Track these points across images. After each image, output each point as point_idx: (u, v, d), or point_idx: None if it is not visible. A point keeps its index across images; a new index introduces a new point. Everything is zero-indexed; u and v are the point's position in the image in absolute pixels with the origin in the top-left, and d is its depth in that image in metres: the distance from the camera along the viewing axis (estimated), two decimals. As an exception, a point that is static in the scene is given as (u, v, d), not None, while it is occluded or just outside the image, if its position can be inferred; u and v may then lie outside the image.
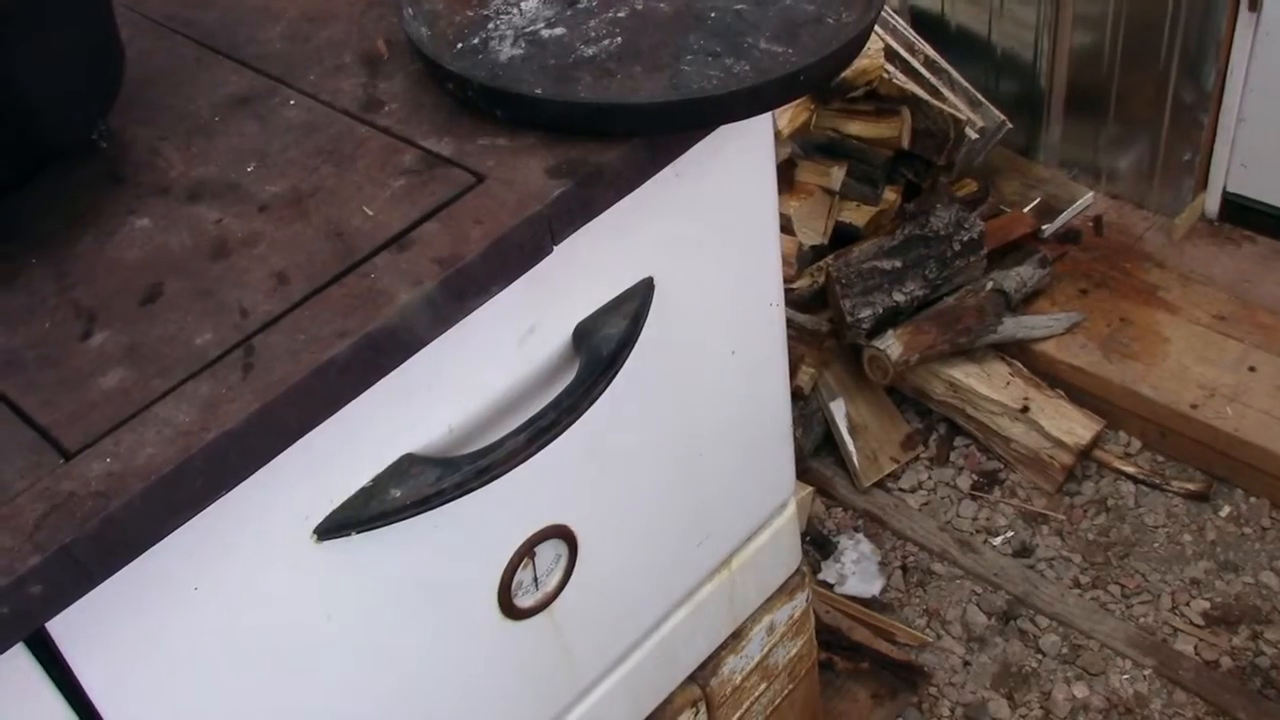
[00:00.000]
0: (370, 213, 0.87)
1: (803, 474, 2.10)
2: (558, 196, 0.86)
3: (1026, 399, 2.04)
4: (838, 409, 2.10)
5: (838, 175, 2.16)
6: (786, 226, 2.15)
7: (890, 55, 2.26)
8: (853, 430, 2.10)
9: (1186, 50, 2.13)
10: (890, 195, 2.25)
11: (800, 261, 2.14)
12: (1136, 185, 2.35)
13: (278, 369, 0.76)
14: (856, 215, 2.22)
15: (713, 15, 0.97)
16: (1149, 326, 2.11)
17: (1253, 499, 2.03)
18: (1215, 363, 2.04)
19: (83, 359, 0.79)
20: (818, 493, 2.13)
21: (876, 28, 2.39)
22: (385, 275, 0.82)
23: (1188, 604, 1.93)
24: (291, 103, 0.99)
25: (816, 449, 2.16)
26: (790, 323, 2.07)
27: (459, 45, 0.98)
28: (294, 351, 0.77)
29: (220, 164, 0.94)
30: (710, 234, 1.05)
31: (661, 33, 0.95)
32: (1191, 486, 2.04)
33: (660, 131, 0.90)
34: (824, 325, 2.08)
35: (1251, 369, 2.02)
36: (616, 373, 0.94)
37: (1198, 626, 1.90)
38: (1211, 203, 2.28)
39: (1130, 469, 2.07)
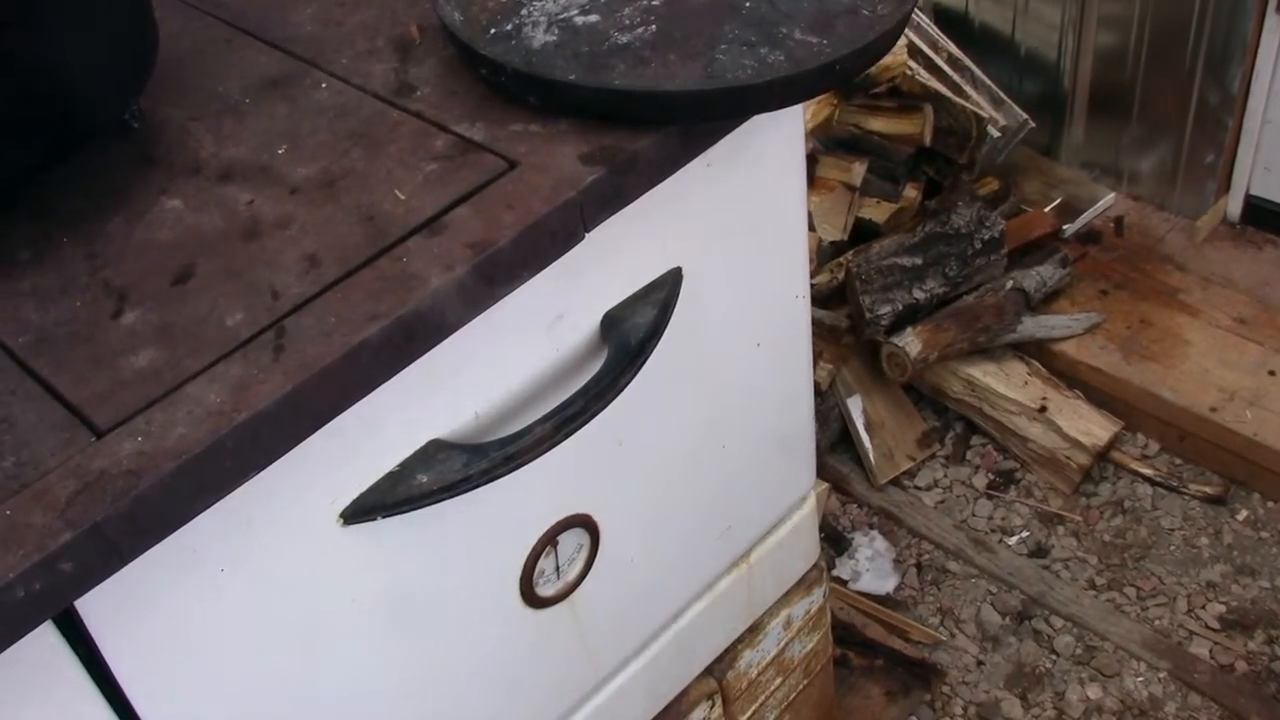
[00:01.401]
0: (402, 197, 0.87)
1: (819, 470, 2.10)
2: (591, 183, 0.85)
3: (1044, 399, 2.04)
4: (854, 405, 2.10)
5: (859, 171, 2.15)
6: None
7: (913, 52, 2.26)
8: (869, 427, 2.10)
9: (1212, 52, 2.12)
10: (911, 192, 2.24)
11: (820, 257, 2.13)
12: (1159, 187, 2.34)
13: (309, 351, 0.76)
14: (877, 212, 2.21)
15: (747, 5, 0.96)
16: (1169, 329, 2.10)
17: (1270, 503, 2.02)
18: (1235, 366, 2.03)
19: (114, 337, 0.79)
20: (833, 489, 2.13)
21: (901, 24, 2.36)
22: (417, 259, 0.81)
23: (1203, 607, 1.93)
24: (323, 86, 0.99)
25: (833, 445, 2.15)
26: (809, 318, 2.06)
27: (492, 31, 0.97)
28: (325, 334, 0.77)
29: (251, 146, 0.94)
30: (739, 225, 1.04)
31: (696, 21, 0.95)
32: (1209, 490, 2.03)
33: (694, 120, 0.89)
34: (842, 322, 2.07)
35: (1271, 373, 2.01)
36: (644, 362, 0.93)
37: (1213, 630, 1.90)
38: (1234, 205, 2.27)
39: (1148, 471, 2.06)
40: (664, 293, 0.97)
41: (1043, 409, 2.03)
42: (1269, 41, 2.06)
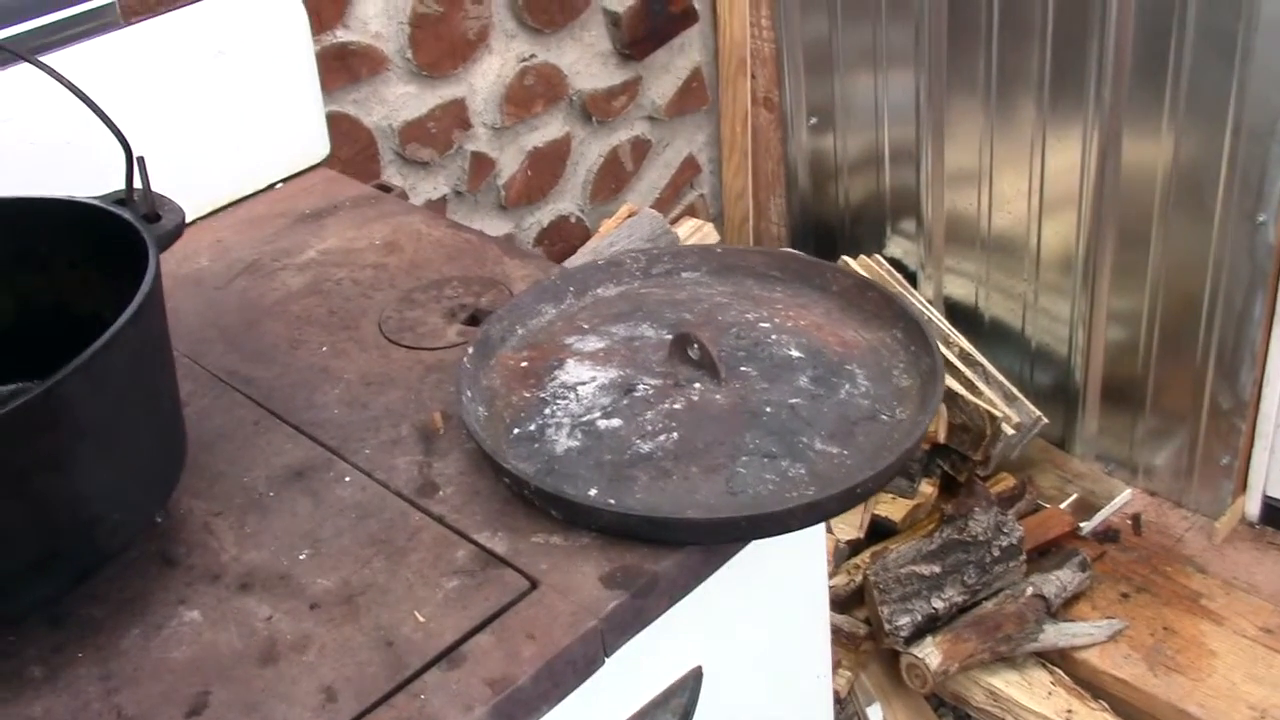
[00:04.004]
0: (421, 619, 0.86)
1: (837, 780, 2.03)
2: (612, 609, 0.85)
3: (1070, 711, 1.98)
4: (875, 714, 2.04)
5: (874, 469, 2.15)
6: (823, 522, 2.14)
7: (926, 347, 2.28)
8: (890, 737, 2.04)
9: (1222, 357, 2.15)
10: (927, 488, 2.24)
11: (836, 558, 2.12)
12: (1175, 483, 2.34)
13: (321, 809, 0.74)
14: (893, 509, 2.20)
15: (768, 410, 0.97)
16: (1194, 638, 2.06)
17: (1308, 826, 1.94)
18: (1263, 681, 1.98)
19: (123, 784, 0.77)
20: (853, 800, 2.05)
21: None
22: (435, 697, 0.80)
23: None
24: (346, 479, 1.00)
25: (852, 754, 2.09)
26: (826, 624, 2.03)
27: (515, 430, 0.98)
28: (339, 788, 0.75)
29: (273, 548, 0.94)
30: (761, 619, 1.04)
31: (717, 429, 0.96)
32: (1244, 809, 1.95)
33: (715, 541, 0.89)
34: (861, 628, 2.04)
35: (1301, 689, 1.96)
36: (665, 779, 0.91)
37: None
38: (1252, 506, 2.26)
39: (1179, 787, 1.99)
40: (684, 698, 0.96)
41: (1068, 723, 1.97)
42: (1279, 350, 2.08)
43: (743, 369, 1.01)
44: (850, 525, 2.14)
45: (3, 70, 1.23)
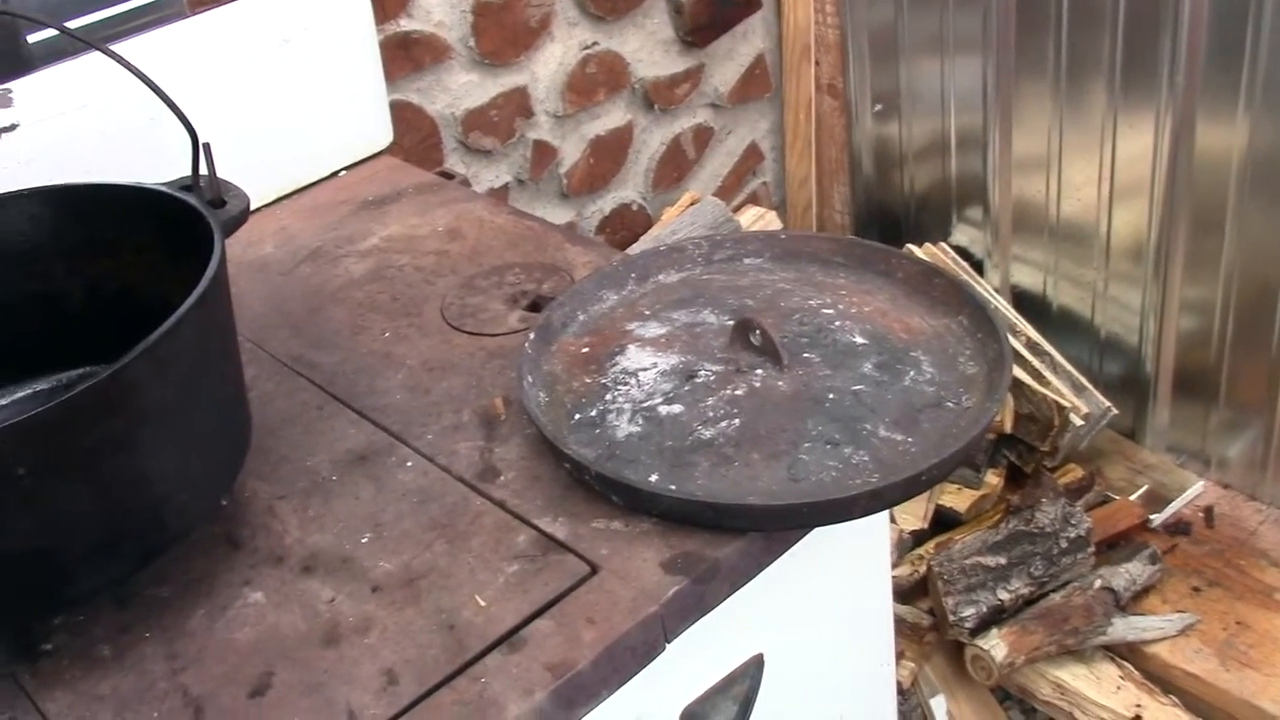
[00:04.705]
0: (482, 603, 0.86)
1: (900, 772, 2.01)
2: (673, 596, 0.84)
3: (1139, 706, 1.95)
4: (938, 706, 2.02)
5: (939, 460, 2.13)
6: (886, 512, 2.12)
7: (992, 337, 2.25)
8: (954, 730, 2.02)
9: (1298, 346, 2.10)
10: (992, 479, 2.21)
11: (900, 548, 2.10)
12: (1248, 475, 2.29)
13: (383, 790, 0.74)
14: (958, 499, 2.18)
15: (831, 396, 0.96)
16: (1268, 633, 2.01)
17: (1387, 826, 1.89)
18: (1340, 677, 1.93)
19: (189, 763, 0.78)
20: (916, 792, 2.03)
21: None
22: (496, 680, 0.80)
23: None
24: (409, 464, 1.00)
25: (915, 747, 2.07)
26: (889, 615, 2.01)
27: (577, 416, 0.98)
28: (401, 769, 0.75)
29: (336, 531, 0.95)
30: (823, 607, 1.03)
31: (780, 415, 0.95)
32: (1319, 809, 1.90)
33: (776, 528, 0.88)
34: (924, 619, 2.02)
35: (1380, 686, 1.91)
36: (725, 767, 0.91)
37: None
38: (1329, 499, 2.21)
39: (1252, 785, 1.95)
40: (745, 685, 0.95)
41: (1137, 718, 1.94)
42: (1358, 339, 2.03)
43: (805, 355, 1.00)
44: (914, 515, 2.12)
45: (74, 59, 1.24)
